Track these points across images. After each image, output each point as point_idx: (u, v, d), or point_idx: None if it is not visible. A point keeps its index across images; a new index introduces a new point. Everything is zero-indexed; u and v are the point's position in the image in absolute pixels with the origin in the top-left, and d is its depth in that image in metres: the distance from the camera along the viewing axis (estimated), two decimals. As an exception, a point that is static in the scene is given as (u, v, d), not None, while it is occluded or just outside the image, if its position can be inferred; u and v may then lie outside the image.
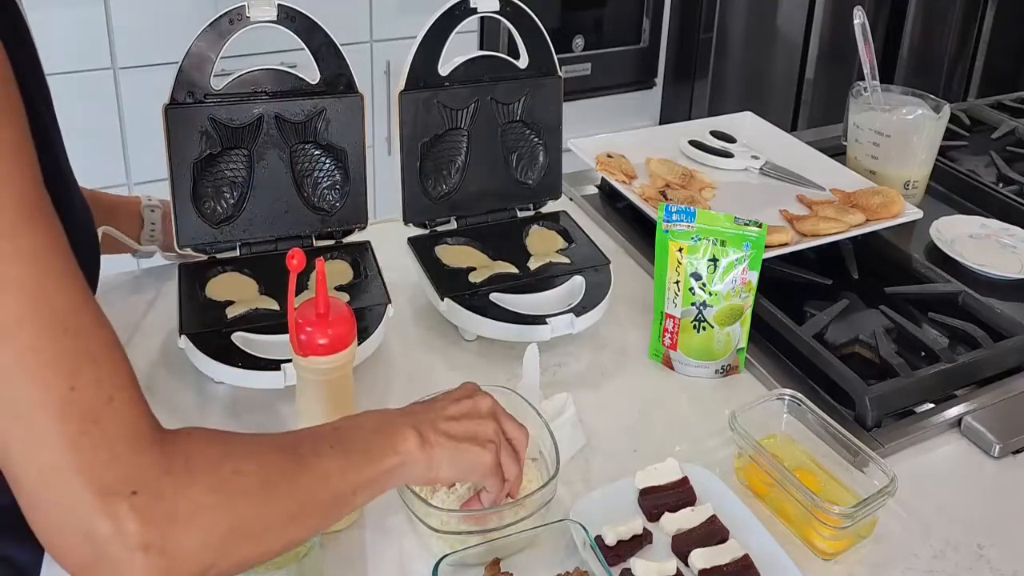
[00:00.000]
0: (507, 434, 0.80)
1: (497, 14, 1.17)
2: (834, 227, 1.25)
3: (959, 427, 1.02)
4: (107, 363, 0.56)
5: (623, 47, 2.84)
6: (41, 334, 0.53)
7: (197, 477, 0.58)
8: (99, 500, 0.53)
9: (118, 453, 0.54)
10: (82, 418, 0.53)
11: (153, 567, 0.54)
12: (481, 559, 0.80)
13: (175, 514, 0.55)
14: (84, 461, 0.53)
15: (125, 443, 0.55)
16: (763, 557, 0.84)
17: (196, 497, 0.57)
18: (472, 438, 0.76)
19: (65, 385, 0.53)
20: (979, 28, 3.19)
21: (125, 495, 0.53)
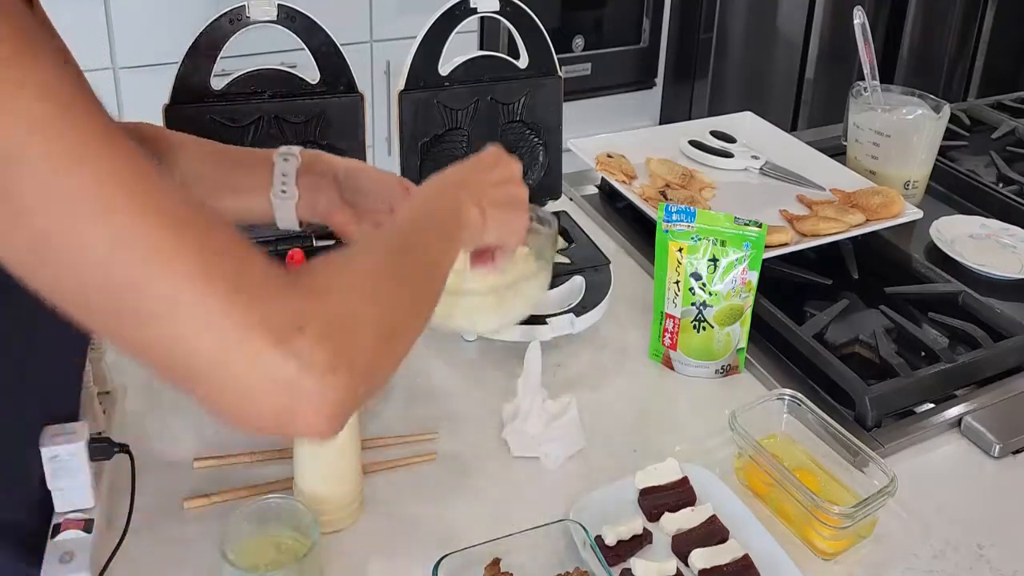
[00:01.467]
0: None
1: (497, 14, 1.17)
2: (834, 227, 1.25)
3: (959, 427, 1.02)
4: (222, 230, 0.57)
5: (623, 47, 2.84)
6: (163, 223, 0.54)
7: (345, 295, 0.61)
8: (277, 347, 0.55)
9: (273, 300, 0.57)
10: (229, 282, 0.55)
11: (343, 386, 0.57)
12: (481, 559, 0.80)
13: (343, 332, 0.58)
14: (249, 319, 0.55)
15: (273, 289, 0.57)
16: (763, 557, 0.84)
17: (352, 311, 0.60)
18: (511, 205, 0.82)
19: (201, 263, 0.54)
20: (979, 28, 3.19)
21: (296, 332, 0.56)
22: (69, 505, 0.80)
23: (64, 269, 0.53)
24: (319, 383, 0.56)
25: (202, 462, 0.93)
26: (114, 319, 0.55)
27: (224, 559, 0.75)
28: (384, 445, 0.97)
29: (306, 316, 0.57)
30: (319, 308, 0.58)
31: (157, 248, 0.53)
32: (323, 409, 0.57)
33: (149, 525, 0.85)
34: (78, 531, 0.79)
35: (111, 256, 0.53)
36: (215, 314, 0.54)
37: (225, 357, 0.55)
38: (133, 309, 0.54)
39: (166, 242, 0.53)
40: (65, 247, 0.52)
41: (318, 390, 0.56)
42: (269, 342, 0.55)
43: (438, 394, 1.05)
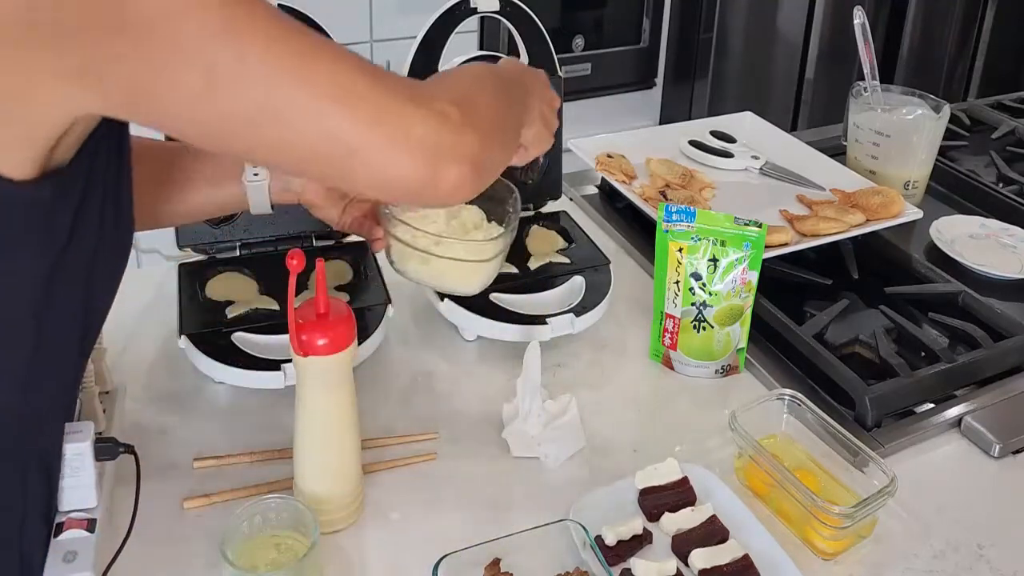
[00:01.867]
0: None
1: (497, 14, 1.16)
2: (834, 227, 1.25)
3: (959, 427, 1.02)
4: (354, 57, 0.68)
5: (623, 47, 2.84)
6: (304, 38, 0.64)
7: (464, 89, 0.75)
8: (419, 108, 0.67)
9: (408, 84, 0.70)
10: (373, 72, 0.67)
11: (476, 141, 0.70)
12: (481, 559, 0.80)
13: (468, 104, 0.72)
14: (393, 96, 0.67)
15: (406, 80, 0.70)
16: (763, 557, 0.84)
17: (472, 98, 0.74)
18: (551, 123, 0.92)
19: (343, 69, 0.65)
20: (979, 28, 3.19)
21: (432, 99, 0.69)
22: (73, 504, 0.80)
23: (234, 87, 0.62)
24: (457, 136, 0.68)
25: (202, 462, 0.93)
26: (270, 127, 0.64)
27: (224, 559, 0.75)
28: (384, 445, 0.97)
29: (437, 94, 0.70)
30: (445, 89, 0.73)
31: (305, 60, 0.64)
32: (462, 161, 0.69)
33: (149, 525, 0.85)
34: (81, 530, 0.79)
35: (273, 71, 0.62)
36: (369, 96, 0.65)
37: (377, 122, 0.65)
38: (286, 112, 0.63)
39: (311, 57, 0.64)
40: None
41: (457, 142, 0.68)
42: (413, 105, 0.66)
43: (438, 394, 1.05)
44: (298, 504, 0.82)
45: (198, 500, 0.89)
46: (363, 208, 0.96)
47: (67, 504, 0.80)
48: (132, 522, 0.82)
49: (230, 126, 0.63)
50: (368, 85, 0.66)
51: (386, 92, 0.66)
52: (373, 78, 0.66)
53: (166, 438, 0.96)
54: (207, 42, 0.59)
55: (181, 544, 0.85)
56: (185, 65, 0.60)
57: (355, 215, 0.96)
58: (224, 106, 0.62)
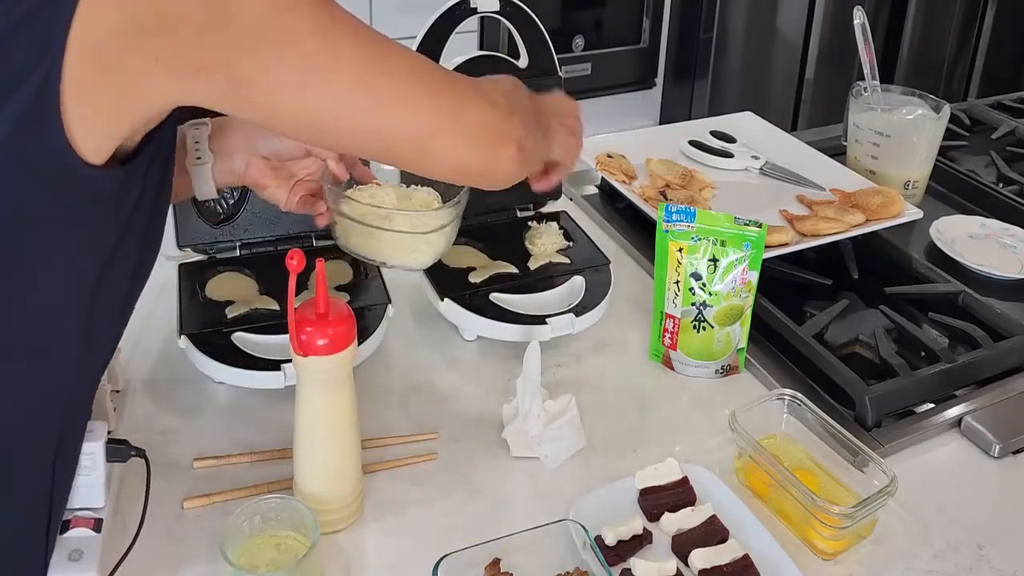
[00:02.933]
0: None
1: (497, 14, 1.16)
2: (834, 227, 1.25)
3: (959, 427, 1.02)
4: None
5: (623, 47, 2.83)
6: (378, 35, 0.73)
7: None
8: (480, 98, 0.78)
9: (468, 79, 0.81)
10: (435, 66, 0.78)
11: (519, 125, 0.81)
12: (481, 559, 0.80)
13: (511, 97, 0.82)
14: (461, 84, 0.78)
15: (465, 77, 0.81)
16: (763, 557, 0.84)
17: (514, 96, 0.84)
18: (574, 133, 0.97)
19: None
20: (979, 28, 3.18)
21: (487, 93, 0.80)
22: (80, 503, 0.80)
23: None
24: (507, 122, 0.79)
25: (202, 462, 0.93)
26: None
27: (224, 559, 0.75)
28: (384, 445, 0.97)
29: (488, 87, 0.80)
30: (493, 84, 0.82)
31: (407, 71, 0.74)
32: (511, 143, 0.79)
33: (149, 525, 0.84)
34: (87, 530, 0.79)
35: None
36: (435, 90, 0.75)
37: (445, 116, 0.75)
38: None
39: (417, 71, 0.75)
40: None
41: (508, 128, 0.79)
42: (475, 98, 0.77)
43: (438, 394, 1.05)
44: (298, 504, 0.82)
45: (198, 500, 0.89)
46: (310, 187, 0.95)
47: (74, 502, 0.80)
48: (141, 524, 0.82)
49: (324, 116, 0.69)
50: (437, 78, 0.75)
51: (452, 83, 0.76)
52: (439, 71, 0.76)
53: (166, 438, 0.96)
54: (307, 37, 0.65)
55: (181, 544, 0.85)
56: (287, 58, 0.65)
57: (301, 194, 0.95)
58: (320, 98, 0.68)
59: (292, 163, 0.95)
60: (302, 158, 0.94)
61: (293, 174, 0.95)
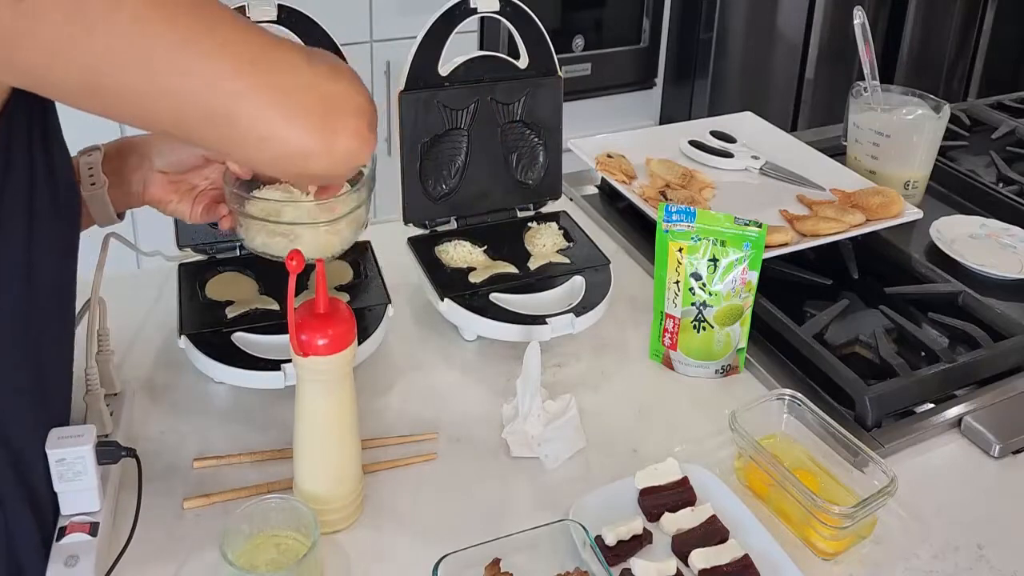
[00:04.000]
0: None
1: (497, 14, 1.16)
2: (834, 227, 1.25)
3: (959, 427, 1.02)
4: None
5: (623, 47, 2.84)
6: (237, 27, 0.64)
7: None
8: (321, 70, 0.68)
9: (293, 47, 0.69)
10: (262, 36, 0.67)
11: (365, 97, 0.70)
12: (481, 559, 0.80)
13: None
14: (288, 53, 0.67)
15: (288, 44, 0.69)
16: (763, 557, 0.84)
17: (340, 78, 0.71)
18: None
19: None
20: (979, 28, 3.19)
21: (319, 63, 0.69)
22: (75, 508, 0.80)
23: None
24: (350, 85, 0.68)
25: (202, 462, 0.93)
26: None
27: (224, 559, 0.75)
28: (384, 445, 0.97)
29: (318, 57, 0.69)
30: (321, 56, 0.71)
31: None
32: (359, 112, 0.68)
33: (149, 525, 0.85)
34: (83, 534, 0.79)
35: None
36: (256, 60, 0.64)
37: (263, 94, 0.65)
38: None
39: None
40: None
41: (351, 91, 0.68)
42: (297, 55, 0.67)
43: (438, 394, 1.05)
44: (298, 504, 0.82)
45: (198, 500, 0.89)
46: (214, 195, 0.94)
47: (69, 508, 0.79)
48: (134, 527, 0.82)
49: (99, 73, 0.60)
50: (246, 29, 0.64)
51: (267, 38, 0.65)
52: (252, 27, 0.65)
53: (166, 438, 0.96)
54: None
55: (181, 544, 0.85)
56: (52, 6, 0.57)
57: (205, 203, 0.94)
58: (93, 49, 0.59)
59: (192, 174, 0.94)
60: (202, 167, 0.93)
61: (194, 185, 0.94)
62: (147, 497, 0.85)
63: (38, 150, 0.71)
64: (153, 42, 0.60)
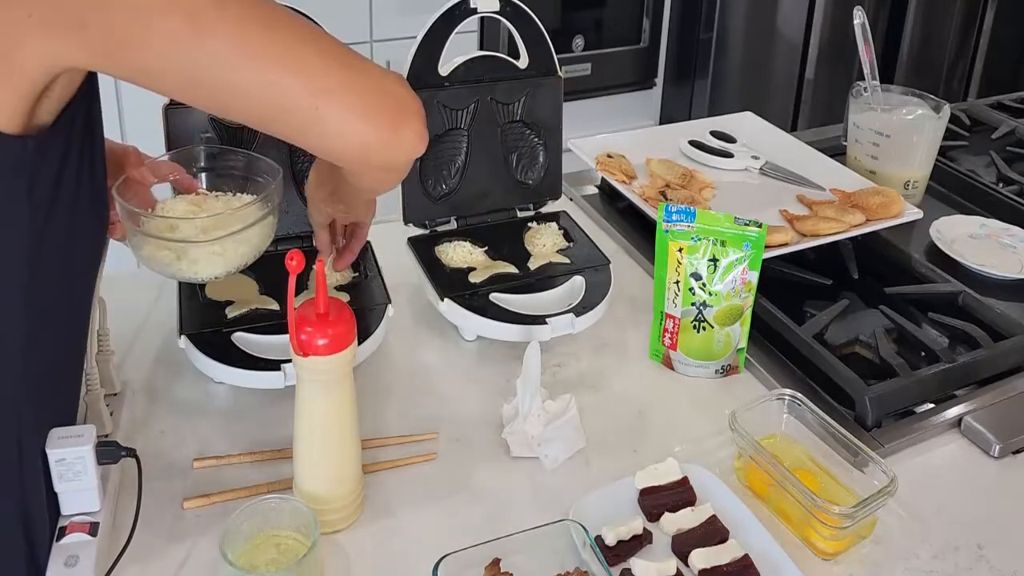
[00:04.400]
0: None
1: (497, 14, 1.16)
2: (834, 227, 1.25)
3: (959, 427, 1.02)
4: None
5: (623, 47, 2.84)
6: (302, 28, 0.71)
7: None
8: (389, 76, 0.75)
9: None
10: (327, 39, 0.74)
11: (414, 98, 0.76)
12: (481, 559, 0.80)
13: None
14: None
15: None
16: (763, 557, 0.84)
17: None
18: None
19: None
20: (979, 28, 3.19)
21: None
22: (75, 508, 0.80)
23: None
24: (409, 90, 0.75)
25: (202, 462, 0.93)
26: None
27: (224, 559, 0.75)
28: (384, 445, 0.97)
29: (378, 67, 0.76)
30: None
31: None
32: (419, 115, 0.75)
33: (149, 525, 0.85)
34: (83, 534, 0.79)
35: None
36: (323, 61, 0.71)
37: (364, 76, 0.73)
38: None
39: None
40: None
41: (411, 96, 0.75)
42: (369, 64, 0.73)
43: (438, 394, 1.05)
44: (298, 504, 0.82)
45: (198, 500, 0.89)
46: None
47: (69, 508, 0.80)
48: (134, 527, 0.82)
49: (205, 73, 0.66)
50: (329, 41, 0.71)
51: (345, 48, 0.72)
52: (331, 37, 0.72)
53: (166, 438, 0.96)
54: None
55: (181, 544, 0.85)
56: (167, 12, 0.63)
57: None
58: (200, 53, 0.65)
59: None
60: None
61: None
62: (147, 497, 0.85)
63: (87, 144, 0.73)
64: (254, 47, 0.67)
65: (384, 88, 0.73)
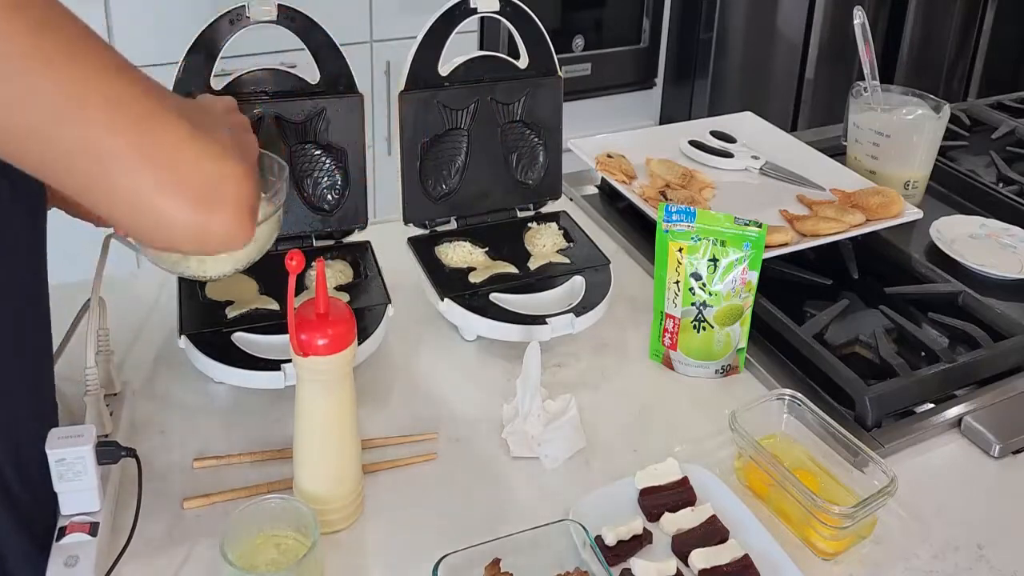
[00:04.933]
0: None
1: (497, 14, 1.16)
2: (834, 227, 1.25)
3: (959, 427, 1.02)
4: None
5: (623, 47, 2.84)
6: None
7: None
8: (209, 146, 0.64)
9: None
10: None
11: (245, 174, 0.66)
12: (481, 559, 0.80)
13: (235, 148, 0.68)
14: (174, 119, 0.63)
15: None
16: (763, 557, 0.84)
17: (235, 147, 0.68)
18: (244, 128, 0.83)
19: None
20: (979, 28, 3.19)
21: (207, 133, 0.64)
22: (75, 508, 0.80)
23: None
24: (238, 167, 0.65)
25: (202, 462, 0.93)
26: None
27: (224, 559, 0.75)
28: (384, 445, 0.97)
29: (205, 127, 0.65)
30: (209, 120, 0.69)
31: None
32: (232, 198, 0.64)
33: (149, 525, 0.85)
34: (83, 534, 0.79)
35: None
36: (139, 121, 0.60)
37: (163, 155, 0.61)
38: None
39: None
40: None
41: (238, 173, 0.64)
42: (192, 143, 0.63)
43: (438, 394, 1.05)
44: (298, 504, 0.82)
45: (198, 500, 0.89)
46: None
47: (69, 508, 0.79)
48: (134, 527, 0.82)
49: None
50: (134, 83, 0.60)
51: (158, 99, 0.61)
52: (144, 83, 0.61)
53: (166, 438, 0.96)
54: None
55: (181, 544, 0.85)
56: None
57: None
58: None
59: None
60: None
61: None
62: (147, 497, 0.85)
63: None
64: (28, 82, 0.55)
65: (195, 161, 0.62)
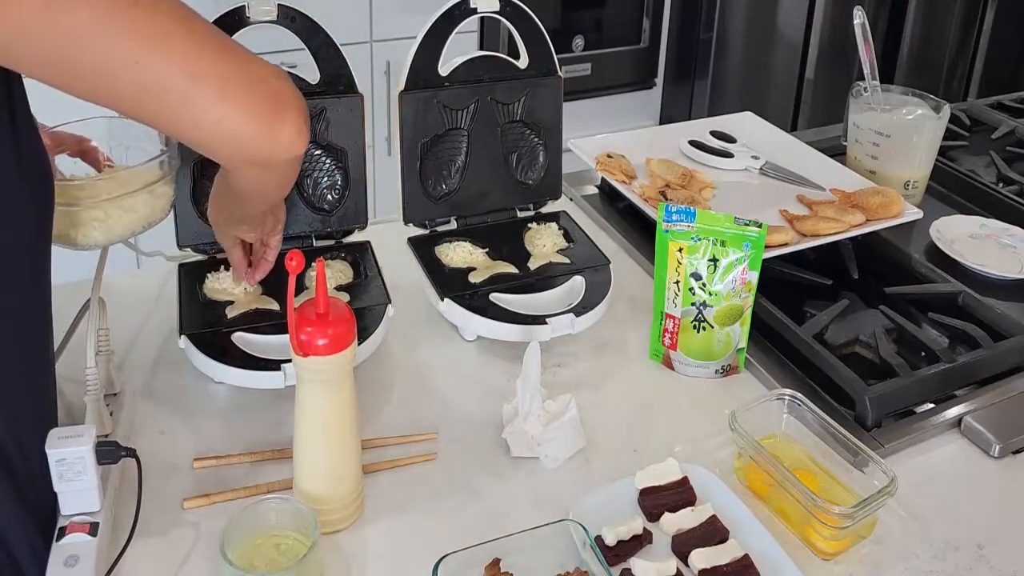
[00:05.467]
0: None
1: (497, 14, 1.16)
2: (834, 227, 1.25)
3: (959, 427, 1.02)
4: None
5: (623, 47, 2.84)
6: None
7: None
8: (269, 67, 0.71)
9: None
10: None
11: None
12: (481, 559, 0.80)
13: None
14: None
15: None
16: (763, 557, 0.84)
17: None
18: None
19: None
20: (979, 28, 3.19)
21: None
22: (75, 508, 0.80)
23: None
24: (289, 84, 0.71)
25: (202, 462, 0.93)
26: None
27: (224, 559, 0.75)
28: (384, 445, 0.97)
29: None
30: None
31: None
32: (299, 109, 0.71)
33: (149, 525, 0.85)
34: (83, 534, 0.79)
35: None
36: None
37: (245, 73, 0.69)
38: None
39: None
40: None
41: (291, 90, 0.71)
42: (246, 52, 0.70)
43: (438, 394, 1.05)
44: (298, 504, 0.82)
45: (198, 500, 0.89)
46: None
47: (69, 508, 0.79)
48: (134, 527, 0.82)
49: (66, 49, 0.62)
50: (203, 24, 0.67)
51: (220, 34, 0.68)
52: (206, 22, 0.68)
53: (166, 438, 0.96)
54: None
55: (181, 544, 0.85)
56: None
57: None
58: (60, 26, 0.61)
59: None
60: None
61: None
62: (147, 497, 0.85)
63: (6, 133, 0.70)
64: (120, 22, 0.62)
65: (261, 78, 0.69)
